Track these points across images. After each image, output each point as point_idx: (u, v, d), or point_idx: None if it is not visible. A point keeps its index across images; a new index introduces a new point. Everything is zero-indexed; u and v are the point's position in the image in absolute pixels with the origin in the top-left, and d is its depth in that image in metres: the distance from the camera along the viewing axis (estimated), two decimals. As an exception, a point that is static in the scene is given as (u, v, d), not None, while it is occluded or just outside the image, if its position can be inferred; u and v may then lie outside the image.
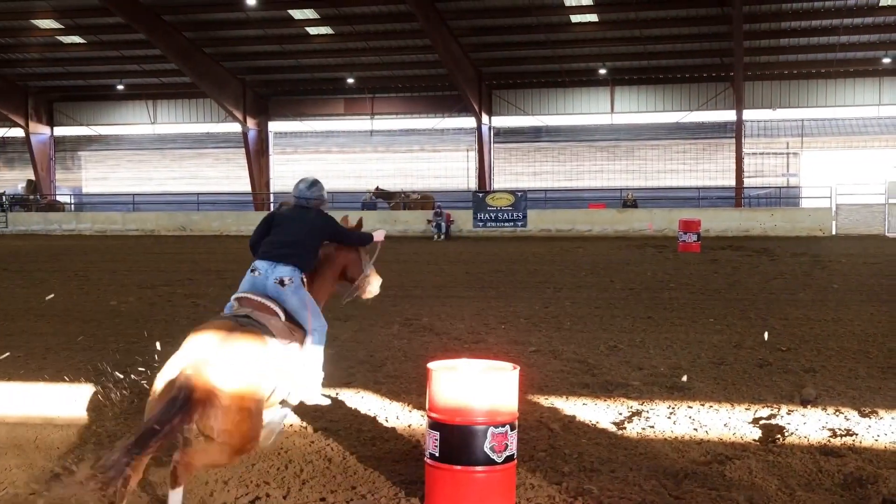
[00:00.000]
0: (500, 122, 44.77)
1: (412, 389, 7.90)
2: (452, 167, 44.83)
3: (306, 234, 6.15)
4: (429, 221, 36.17)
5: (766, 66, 40.91)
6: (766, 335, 10.52)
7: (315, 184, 6.43)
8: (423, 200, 39.90)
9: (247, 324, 5.39)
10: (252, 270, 6.00)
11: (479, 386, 5.06)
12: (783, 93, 41.78)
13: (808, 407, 7.34)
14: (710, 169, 42.32)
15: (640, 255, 24.15)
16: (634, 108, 43.28)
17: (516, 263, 22.03)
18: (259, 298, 5.80)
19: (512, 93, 44.41)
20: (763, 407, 7.37)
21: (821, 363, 9.11)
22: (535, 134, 44.85)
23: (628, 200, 38.48)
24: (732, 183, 40.39)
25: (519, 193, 37.34)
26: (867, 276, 17.93)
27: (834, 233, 33.89)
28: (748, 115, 41.01)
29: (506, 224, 36.64)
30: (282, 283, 5.87)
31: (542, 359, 9.51)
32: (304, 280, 6.07)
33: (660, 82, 42.55)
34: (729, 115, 41.07)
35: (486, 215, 36.93)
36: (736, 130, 40.12)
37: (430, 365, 5.29)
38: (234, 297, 5.93)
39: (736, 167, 40.03)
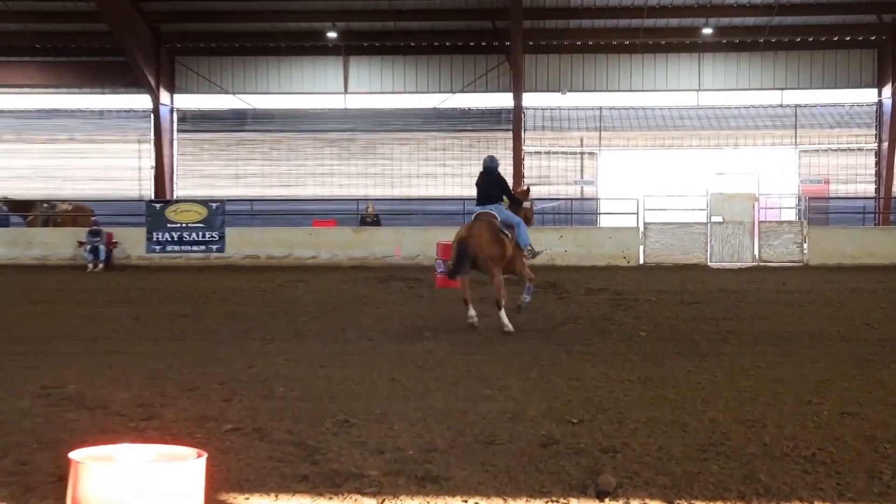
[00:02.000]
0: (188, 101, 44.44)
1: (48, 491, 7.63)
2: (118, 165, 43.95)
3: (494, 186, 18.13)
4: (81, 244, 35.20)
5: (552, 34, 42.44)
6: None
7: (493, 159, 18.65)
8: (73, 213, 38.81)
9: (482, 220, 17.72)
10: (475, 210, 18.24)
11: (144, 482, 4.95)
12: (576, 71, 43.46)
13: (607, 500, 7.66)
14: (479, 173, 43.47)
15: (384, 293, 24.51)
16: (377, 86, 43.91)
17: (209, 304, 21.83)
18: (486, 211, 17.78)
19: (205, 61, 44.09)
20: (548, 502, 7.62)
21: (623, 440, 9.51)
22: (237, 120, 44.73)
23: (368, 216, 38.98)
24: (509, 192, 41.62)
25: (214, 205, 37.07)
26: (684, 320, 19.00)
27: (642, 261, 35.40)
28: (530, 99, 42.49)
29: (194, 248, 36.26)
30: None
31: (242, 440, 9.44)
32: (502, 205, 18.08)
33: (411, 52, 43.40)
34: (504, 100, 42.45)
35: (166, 235, 36.38)
36: (514, 120, 41.51)
37: (75, 454, 5.13)
38: (473, 215, 18.08)
39: (514, 171, 41.05)
